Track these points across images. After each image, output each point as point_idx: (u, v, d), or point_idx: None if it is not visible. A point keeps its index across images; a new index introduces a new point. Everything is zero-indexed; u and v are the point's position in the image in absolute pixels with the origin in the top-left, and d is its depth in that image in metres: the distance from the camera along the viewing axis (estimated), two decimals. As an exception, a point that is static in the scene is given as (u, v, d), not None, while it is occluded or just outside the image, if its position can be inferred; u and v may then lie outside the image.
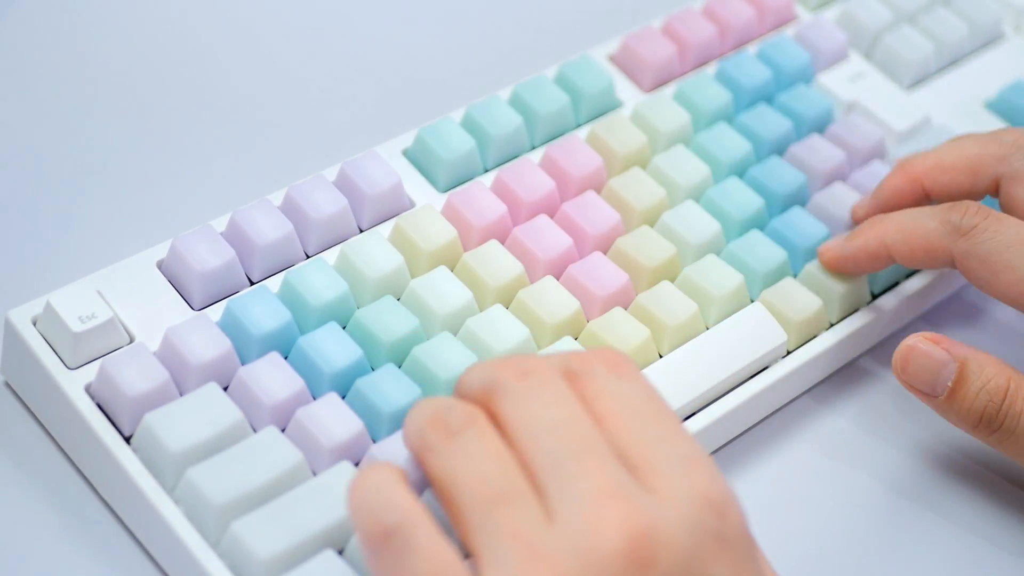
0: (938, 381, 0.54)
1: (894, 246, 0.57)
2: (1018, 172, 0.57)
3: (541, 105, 0.62)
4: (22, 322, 0.52)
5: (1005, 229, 0.55)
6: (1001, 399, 0.53)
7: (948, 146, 0.59)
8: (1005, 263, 0.54)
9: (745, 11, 0.68)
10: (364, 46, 0.70)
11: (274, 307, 0.52)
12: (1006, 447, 0.54)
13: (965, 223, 0.55)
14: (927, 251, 0.56)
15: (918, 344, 0.54)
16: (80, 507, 0.51)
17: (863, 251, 0.57)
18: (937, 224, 0.56)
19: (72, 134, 0.63)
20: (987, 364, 0.54)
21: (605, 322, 0.55)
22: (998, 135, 0.58)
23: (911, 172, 0.59)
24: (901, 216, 0.57)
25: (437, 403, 0.45)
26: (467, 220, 0.57)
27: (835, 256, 0.58)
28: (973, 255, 0.55)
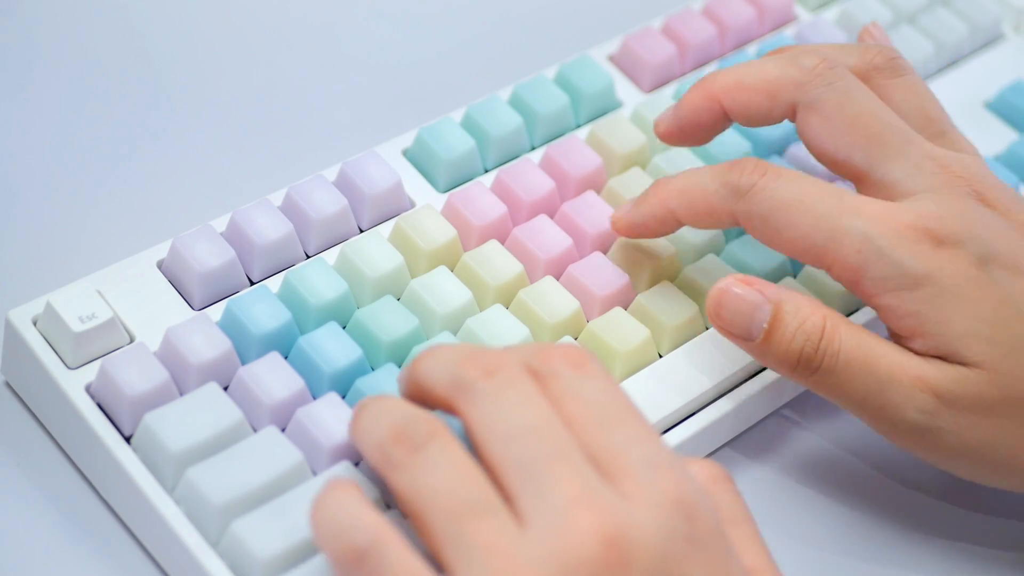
0: (753, 324, 0.52)
1: (679, 210, 0.54)
2: (814, 100, 0.54)
3: (541, 105, 0.62)
4: (22, 322, 0.52)
5: (783, 186, 0.52)
6: (818, 338, 0.51)
7: (751, 65, 0.56)
8: (785, 220, 0.52)
9: (745, 11, 0.68)
10: (364, 46, 0.70)
11: (274, 307, 0.52)
12: (825, 388, 0.52)
13: (744, 183, 0.53)
14: (710, 214, 0.54)
15: (730, 287, 0.52)
16: (80, 507, 0.51)
17: (651, 217, 0.55)
18: (717, 186, 0.53)
19: (72, 134, 0.63)
20: (802, 304, 0.52)
21: (605, 322, 0.55)
22: (799, 58, 0.55)
23: (710, 89, 0.56)
24: (683, 180, 0.55)
25: (393, 411, 0.45)
26: (467, 220, 0.57)
27: (626, 223, 0.56)
28: (754, 215, 0.53)
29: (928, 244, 0.51)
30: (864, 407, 0.52)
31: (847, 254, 0.51)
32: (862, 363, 0.51)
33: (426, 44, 0.70)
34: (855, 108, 0.54)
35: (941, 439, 0.51)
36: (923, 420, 0.51)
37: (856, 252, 0.51)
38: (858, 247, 0.51)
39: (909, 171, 0.53)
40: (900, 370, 0.51)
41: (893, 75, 0.56)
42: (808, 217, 0.52)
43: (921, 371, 0.51)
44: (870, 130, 0.54)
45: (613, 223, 0.57)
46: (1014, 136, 0.68)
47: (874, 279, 0.51)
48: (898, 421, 0.51)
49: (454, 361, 0.45)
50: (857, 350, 0.51)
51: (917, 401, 0.51)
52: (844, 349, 0.51)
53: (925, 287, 0.51)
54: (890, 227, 0.51)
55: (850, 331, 0.52)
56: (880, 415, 0.51)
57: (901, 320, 0.51)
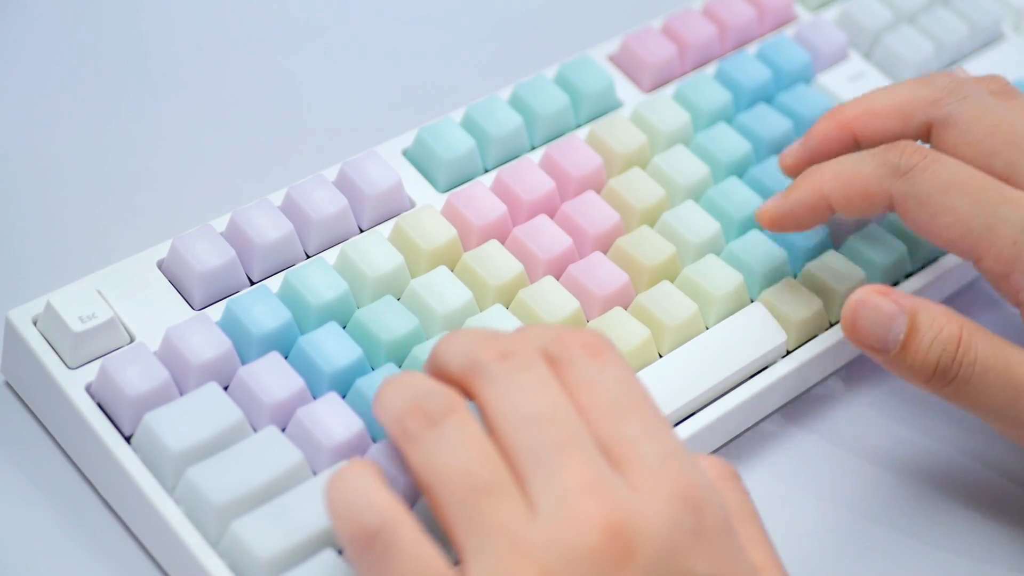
0: (890, 335, 0.52)
1: (832, 194, 0.55)
2: (949, 116, 0.55)
3: (541, 105, 0.62)
4: (22, 322, 0.52)
5: (944, 170, 0.53)
6: (955, 348, 0.51)
7: (879, 92, 0.57)
8: (944, 205, 0.52)
9: (745, 11, 0.68)
10: (364, 46, 0.70)
11: (274, 307, 0.52)
12: (961, 398, 0.52)
13: (904, 163, 0.53)
14: (865, 195, 0.54)
15: (867, 297, 0.52)
16: (80, 507, 0.51)
17: (801, 204, 0.56)
18: (875, 166, 0.54)
19: (72, 134, 0.63)
20: (938, 314, 0.52)
21: (605, 322, 0.55)
22: (929, 79, 0.56)
23: (841, 118, 0.57)
24: (837, 164, 0.55)
25: (414, 385, 0.45)
26: (467, 220, 0.57)
27: (774, 215, 0.56)
28: (912, 196, 0.53)
29: None
30: (1000, 416, 0.52)
31: (1003, 245, 0.51)
32: (999, 372, 0.51)
33: (426, 44, 0.70)
34: (992, 118, 0.54)
35: None
36: None
37: (1012, 243, 0.51)
38: (1015, 238, 0.51)
39: None
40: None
41: (1011, 97, 0.56)
42: (967, 202, 0.52)
43: None
44: (1010, 137, 0.54)
45: (759, 216, 0.57)
46: (1014, 136, 0.68)
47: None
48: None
49: (471, 343, 0.46)
50: (994, 359, 0.51)
51: None
52: (981, 359, 0.51)
53: None
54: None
55: (987, 340, 0.52)
56: (1017, 424, 0.51)
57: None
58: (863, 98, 0.57)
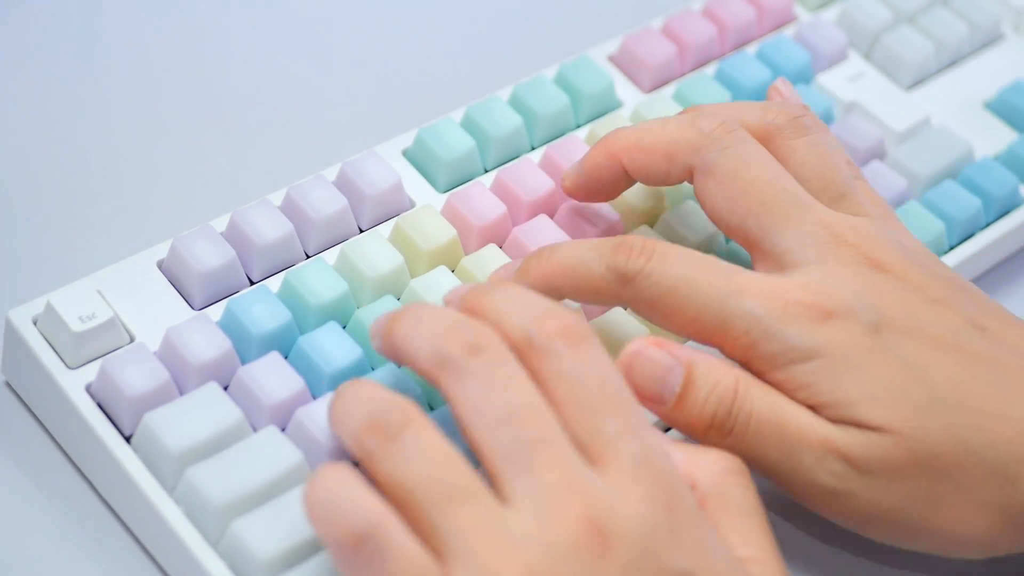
0: (665, 388, 0.50)
1: (563, 289, 0.52)
2: (710, 165, 0.53)
3: (541, 105, 0.62)
4: (22, 322, 0.52)
5: (669, 270, 0.50)
6: (731, 401, 0.50)
7: (652, 125, 0.55)
8: (673, 306, 0.51)
9: (745, 12, 0.68)
10: (364, 46, 0.70)
11: (274, 307, 0.52)
12: (739, 451, 0.50)
13: (629, 268, 0.50)
14: (597, 296, 0.52)
15: (642, 349, 0.50)
16: (80, 507, 0.51)
17: (538, 287, 0.52)
18: (603, 271, 0.51)
19: (72, 134, 0.63)
20: (714, 367, 0.50)
21: (605, 322, 0.55)
22: (697, 120, 0.54)
23: (611, 148, 0.55)
24: (567, 255, 0.51)
25: (367, 399, 0.45)
26: (467, 220, 0.57)
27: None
28: (641, 301, 0.51)
29: (816, 318, 0.50)
30: (776, 470, 0.51)
31: (736, 335, 0.50)
32: (773, 426, 0.50)
33: (426, 44, 0.70)
34: (750, 174, 0.53)
35: (853, 503, 0.50)
36: (834, 484, 0.50)
37: (745, 333, 0.50)
38: (747, 328, 0.50)
39: (799, 241, 0.52)
40: (810, 433, 0.50)
41: (795, 135, 0.55)
42: (696, 301, 0.50)
43: (830, 435, 0.50)
44: (763, 197, 0.52)
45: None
46: (1014, 136, 0.68)
47: (763, 357, 0.50)
48: (810, 484, 0.50)
49: (437, 334, 0.45)
50: (768, 413, 0.50)
51: (827, 464, 0.50)
52: (756, 412, 0.50)
53: (814, 360, 0.50)
54: (777, 304, 0.50)
55: (762, 393, 0.50)
56: (792, 478, 0.50)
57: (796, 393, 0.50)
58: (635, 130, 0.55)
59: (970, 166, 0.65)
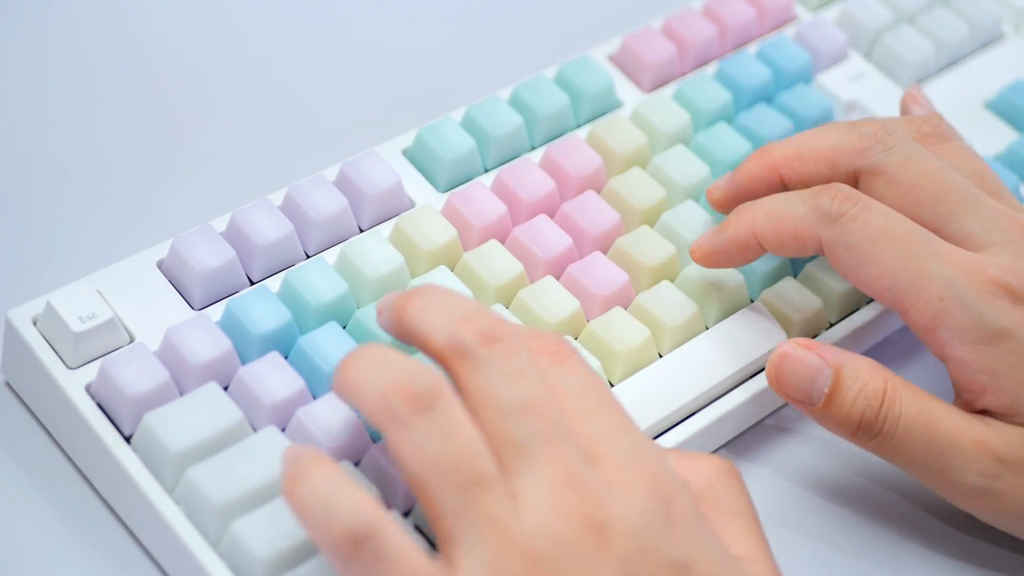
0: (814, 388, 0.52)
1: (763, 234, 0.54)
2: (876, 165, 0.54)
3: (541, 105, 0.62)
4: (22, 322, 0.52)
5: (874, 219, 0.52)
6: (879, 403, 0.51)
7: (809, 135, 0.56)
8: (872, 256, 0.52)
9: (745, 11, 0.68)
10: (364, 46, 0.70)
11: (274, 307, 0.52)
12: (885, 452, 0.52)
13: (835, 209, 0.52)
14: (796, 238, 0.53)
15: (791, 351, 0.52)
16: (80, 507, 0.51)
17: (733, 242, 0.55)
18: (806, 210, 0.53)
19: (72, 134, 0.63)
20: (863, 368, 0.52)
21: (605, 322, 0.55)
22: (858, 126, 0.55)
23: (769, 159, 0.56)
24: (769, 203, 0.54)
25: (397, 364, 0.44)
26: (467, 220, 0.57)
27: (707, 251, 0.55)
28: (841, 244, 0.52)
29: (1009, 300, 0.51)
30: (925, 470, 0.52)
31: (929, 300, 0.51)
32: (923, 427, 0.51)
33: (426, 44, 0.70)
34: (919, 168, 0.54)
35: (1003, 502, 0.51)
36: (985, 484, 0.51)
37: (939, 299, 0.51)
38: (941, 294, 0.51)
39: (983, 224, 0.53)
40: (961, 434, 0.51)
41: (942, 141, 0.56)
42: (895, 255, 0.51)
43: (983, 435, 0.51)
44: (937, 188, 0.53)
45: (692, 252, 0.56)
46: (1014, 136, 0.68)
47: (952, 329, 0.51)
48: (959, 485, 0.51)
49: (453, 318, 0.45)
50: (918, 415, 0.51)
51: (979, 465, 0.51)
52: (905, 413, 0.51)
53: (1003, 343, 0.51)
54: (974, 278, 0.51)
55: (911, 395, 0.51)
56: (941, 478, 0.51)
57: (975, 375, 0.51)
58: (793, 140, 0.56)
59: (970, 166, 0.65)
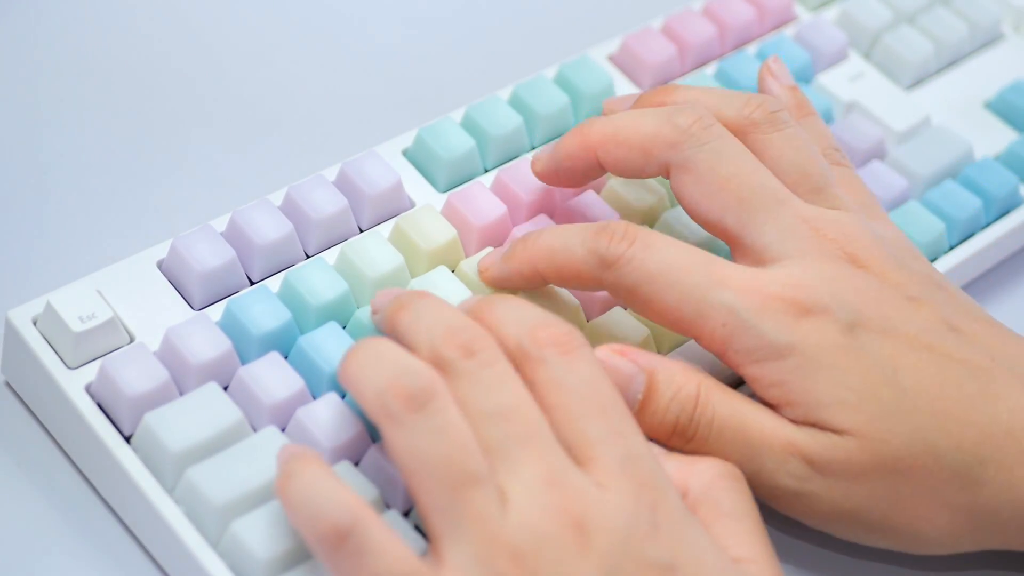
0: (628, 395, 0.50)
1: (545, 273, 0.53)
2: (686, 162, 0.53)
3: (541, 105, 0.62)
4: (22, 322, 0.52)
5: (652, 256, 0.51)
6: (692, 407, 0.50)
7: (628, 118, 0.54)
8: (652, 294, 0.51)
9: (745, 11, 0.68)
10: (364, 46, 0.70)
11: (274, 307, 0.52)
12: (703, 454, 0.51)
13: (610, 253, 0.51)
14: (578, 279, 0.52)
15: (605, 358, 0.51)
16: (80, 507, 0.51)
17: (517, 274, 0.54)
18: (584, 253, 0.51)
19: (72, 134, 0.63)
20: (676, 372, 0.51)
21: (605, 322, 0.55)
22: (676, 116, 0.53)
23: (588, 139, 0.55)
24: (551, 238, 0.52)
25: (394, 361, 0.46)
26: (467, 220, 0.57)
27: (493, 276, 0.54)
28: (621, 287, 0.51)
29: (793, 314, 0.50)
30: None
31: (713, 327, 0.51)
32: (735, 430, 0.50)
33: (426, 44, 0.70)
34: (727, 169, 0.53)
35: (815, 504, 0.50)
36: (796, 486, 0.50)
37: (722, 325, 0.50)
38: (724, 320, 0.50)
39: (779, 234, 0.52)
40: (772, 436, 0.50)
41: (771, 129, 0.55)
42: (675, 291, 0.51)
43: (793, 437, 0.50)
44: (741, 192, 0.52)
45: (480, 272, 0.55)
46: (1014, 136, 0.68)
47: (739, 351, 0.51)
48: (773, 487, 0.51)
49: (436, 333, 0.46)
50: (730, 418, 0.50)
51: (789, 467, 0.50)
52: (717, 417, 0.50)
53: (789, 357, 0.50)
54: (756, 298, 0.50)
55: (723, 398, 0.51)
56: (756, 480, 0.50)
57: (767, 390, 0.51)
58: (611, 121, 0.55)
59: (970, 166, 0.65)
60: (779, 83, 0.59)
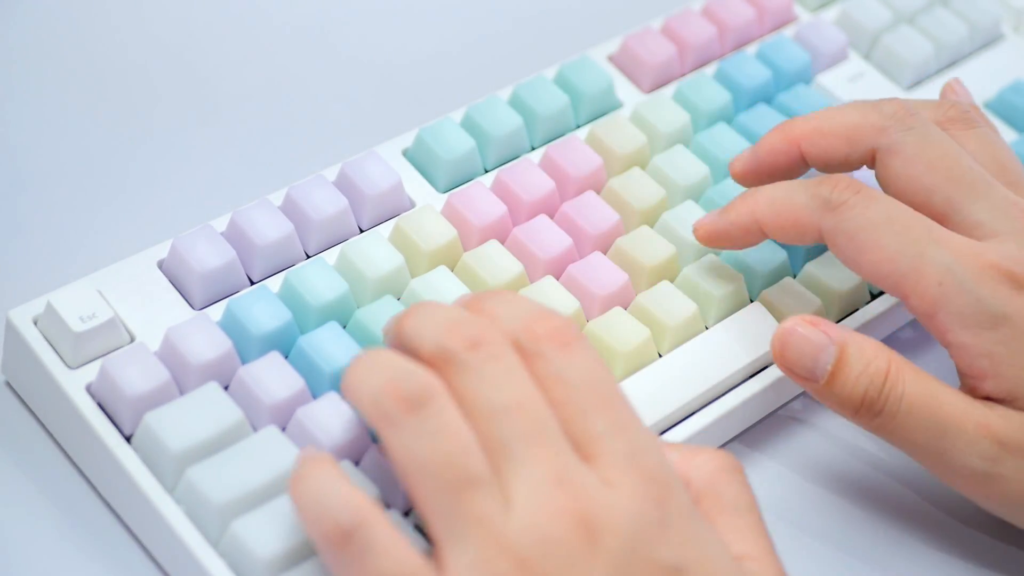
0: (818, 365, 0.52)
1: (764, 220, 0.54)
2: (894, 145, 0.54)
3: (541, 105, 0.62)
4: (23, 322, 0.52)
5: (874, 206, 0.52)
6: (882, 382, 0.51)
7: (830, 112, 0.57)
8: (871, 241, 0.52)
9: (745, 12, 0.68)
10: (364, 46, 0.70)
11: (274, 307, 0.52)
12: (887, 432, 0.52)
13: (835, 198, 0.53)
14: (796, 225, 0.54)
15: (796, 327, 0.52)
16: (80, 507, 0.51)
17: (735, 225, 0.55)
18: (807, 198, 0.53)
19: (72, 134, 0.63)
20: (867, 347, 0.52)
21: (605, 322, 0.55)
22: (880, 105, 0.56)
23: (790, 134, 0.57)
24: (772, 189, 0.55)
25: (390, 364, 0.45)
26: (467, 220, 0.57)
27: (709, 231, 0.56)
28: (840, 231, 0.52)
29: (1009, 285, 0.51)
30: (926, 452, 0.52)
31: (928, 284, 0.51)
32: (925, 407, 0.51)
33: (426, 44, 0.70)
34: (935, 151, 0.54)
35: (1003, 486, 0.51)
36: (985, 467, 0.51)
37: (938, 284, 0.51)
38: (940, 279, 0.51)
39: (993, 213, 0.53)
40: (963, 416, 0.51)
41: (967, 127, 0.56)
42: (895, 241, 0.52)
43: (985, 418, 0.51)
44: (951, 172, 0.54)
45: (695, 230, 0.56)
46: (1014, 136, 0.68)
47: (952, 314, 0.51)
48: (960, 467, 0.51)
49: (440, 327, 0.46)
50: (921, 395, 0.51)
51: (980, 447, 0.51)
52: (908, 393, 0.51)
53: (1003, 328, 0.51)
54: (974, 263, 0.51)
55: (914, 375, 0.51)
56: (941, 460, 0.51)
57: (975, 360, 0.51)
58: (814, 116, 0.57)
59: (970, 166, 0.65)
60: (960, 99, 0.60)
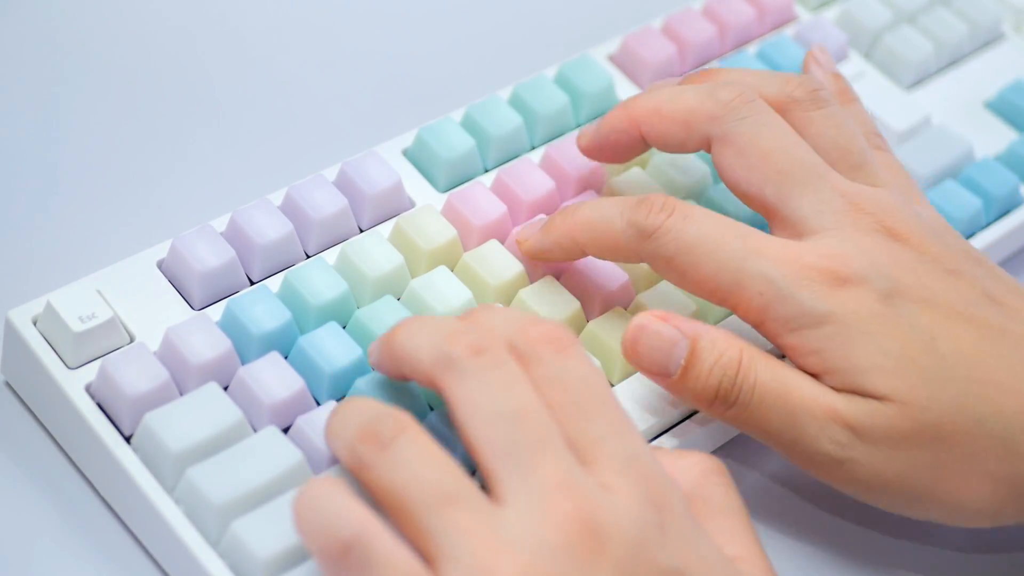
0: (670, 360, 0.51)
1: (584, 243, 0.54)
2: (726, 135, 0.54)
3: (541, 105, 0.62)
4: (22, 322, 0.52)
5: (689, 227, 0.51)
6: (735, 373, 0.51)
7: (671, 92, 0.55)
8: (690, 264, 0.52)
9: (745, 11, 0.68)
10: (364, 46, 0.70)
11: (274, 307, 0.52)
12: (742, 422, 0.52)
13: (649, 223, 0.52)
14: (616, 251, 0.53)
15: (648, 323, 0.51)
16: (80, 507, 0.51)
17: (557, 246, 0.55)
18: (624, 225, 0.52)
19: (72, 133, 0.63)
20: (719, 338, 0.51)
21: (605, 322, 0.55)
22: (717, 91, 0.54)
23: (632, 113, 0.56)
24: (590, 211, 0.53)
25: (361, 411, 0.46)
26: (467, 220, 0.57)
27: (532, 249, 0.55)
28: (658, 257, 0.52)
29: (830, 283, 0.51)
30: (780, 440, 0.51)
31: (751, 296, 0.51)
32: (777, 396, 0.51)
33: (426, 44, 0.70)
34: (767, 143, 0.53)
35: (856, 471, 0.51)
36: (837, 452, 0.51)
37: (759, 294, 0.51)
38: (761, 289, 0.51)
39: (817, 208, 0.53)
40: (814, 403, 0.51)
41: (812, 107, 0.55)
42: (712, 260, 0.51)
43: (834, 404, 0.50)
44: (781, 165, 0.53)
45: (519, 244, 0.56)
46: (1014, 136, 0.68)
47: (777, 320, 0.51)
48: (813, 453, 0.51)
49: (439, 335, 0.46)
50: (772, 383, 0.51)
51: (831, 433, 0.50)
52: (760, 383, 0.51)
53: (827, 325, 0.50)
54: (792, 268, 0.51)
55: (766, 364, 0.51)
56: (795, 447, 0.51)
57: (805, 358, 0.51)
58: (653, 95, 0.56)
59: (970, 166, 0.65)
60: (823, 70, 0.60)
